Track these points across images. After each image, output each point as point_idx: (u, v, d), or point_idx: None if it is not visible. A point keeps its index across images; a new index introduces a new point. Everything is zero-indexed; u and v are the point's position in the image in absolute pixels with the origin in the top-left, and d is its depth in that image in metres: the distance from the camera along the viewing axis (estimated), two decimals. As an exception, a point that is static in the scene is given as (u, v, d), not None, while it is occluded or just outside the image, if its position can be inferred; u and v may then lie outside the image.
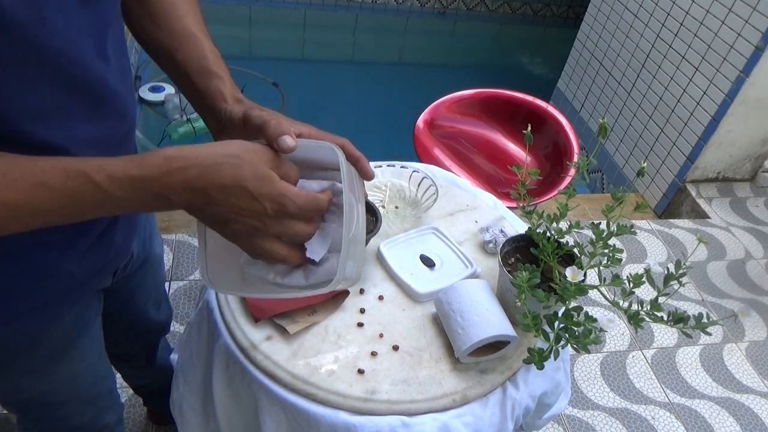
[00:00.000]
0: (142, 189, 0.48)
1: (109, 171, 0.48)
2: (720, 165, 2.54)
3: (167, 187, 0.49)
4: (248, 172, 0.49)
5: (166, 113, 2.95)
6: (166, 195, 0.49)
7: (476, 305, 0.82)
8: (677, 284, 0.74)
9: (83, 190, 0.48)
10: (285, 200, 0.51)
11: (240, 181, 0.49)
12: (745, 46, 2.17)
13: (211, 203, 0.50)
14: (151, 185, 0.48)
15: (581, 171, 0.82)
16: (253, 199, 0.50)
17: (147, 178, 0.48)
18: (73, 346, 0.80)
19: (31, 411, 0.88)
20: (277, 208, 0.51)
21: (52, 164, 0.48)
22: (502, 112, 2.06)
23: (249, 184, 0.49)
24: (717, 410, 1.75)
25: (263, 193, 0.50)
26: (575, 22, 3.88)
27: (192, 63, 0.66)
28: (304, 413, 0.76)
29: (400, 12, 4.41)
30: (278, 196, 0.50)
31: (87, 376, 0.87)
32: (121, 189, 0.48)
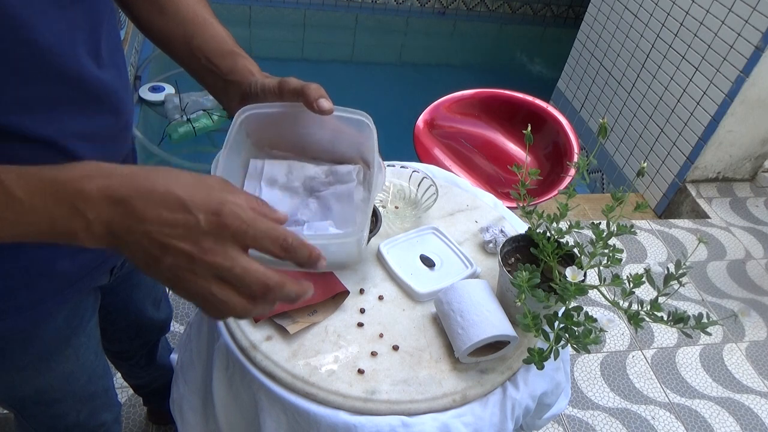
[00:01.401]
0: (52, 194, 0.40)
1: (21, 170, 0.41)
2: (720, 165, 2.54)
3: (81, 195, 0.40)
4: (186, 180, 0.41)
5: (166, 113, 2.95)
6: (81, 208, 0.40)
7: (476, 305, 0.82)
8: (677, 284, 0.74)
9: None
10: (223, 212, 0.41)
11: (171, 188, 0.41)
12: (745, 46, 2.17)
13: (136, 221, 0.41)
14: (63, 190, 0.40)
15: (581, 171, 0.82)
16: (186, 211, 0.41)
17: (60, 180, 0.40)
18: (68, 344, 0.80)
19: (27, 408, 0.87)
20: (215, 221, 0.41)
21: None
22: (502, 112, 2.06)
23: (181, 191, 0.41)
24: (717, 410, 1.75)
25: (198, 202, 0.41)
26: (575, 22, 3.89)
27: (211, 45, 0.67)
28: (304, 413, 0.76)
29: (400, 12, 4.41)
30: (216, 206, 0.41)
31: (82, 374, 0.86)
32: (26, 191, 0.40)
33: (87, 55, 0.56)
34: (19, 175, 0.41)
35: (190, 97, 2.99)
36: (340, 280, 0.91)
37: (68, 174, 0.41)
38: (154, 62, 3.34)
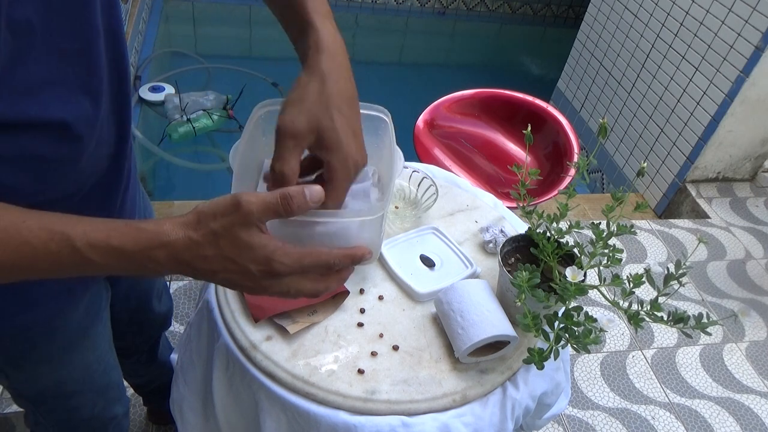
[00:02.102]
0: (124, 259, 0.48)
1: (91, 239, 0.48)
2: (720, 165, 2.54)
3: (150, 260, 0.49)
4: (227, 246, 0.48)
5: (166, 113, 2.95)
6: (151, 266, 0.49)
7: (476, 305, 0.82)
8: (677, 284, 0.74)
9: (63, 253, 0.47)
10: (272, 264, 0.49)
11: (222, 252, 0.48)
12: (745, 46, 2.17)
13: (200, 271, 0.50)
14: (133, 257, 0.48)
15: (581, 171, 0.82)
16: (240, 267, 0.49)
17: (128, 250, 0.48)
18: (87, 335, 0.82)
19: (45, 402, 0.89)
20: (265, 269, 0.49)
21: (39, 223, 0.48)
22: (502, 112, 2.06)
23: (231, 254, 0.48)
24: (717, 410, 1.75)
25: (246, 260, 0.49)
26: (575, 22, 3.89)
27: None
28: (304, 413, 0.76)
29: (400, 12, 4.41)
30: (263, 260, 0.49)
31: (99, 365, 0.89)
32: (101, 257, 0.48)
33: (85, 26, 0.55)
34: (90, 244, 0.48)
35: (190, 97, 2.99)
36: (340, 280, 0.91)
37: (135, 246, 0.48)
38: (154, 62, 3.34)
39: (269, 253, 0.49)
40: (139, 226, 0.49)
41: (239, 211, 0.47)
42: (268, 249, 0.49)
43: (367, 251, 0.55)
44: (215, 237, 0.48)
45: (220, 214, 0.48)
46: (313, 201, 0.49)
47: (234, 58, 3.61)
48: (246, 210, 0.47)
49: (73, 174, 0.61)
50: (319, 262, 0.51)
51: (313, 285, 0.53)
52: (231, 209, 0.48)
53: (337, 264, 0.53)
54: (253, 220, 0.48)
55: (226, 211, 0.48)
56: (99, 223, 0.49)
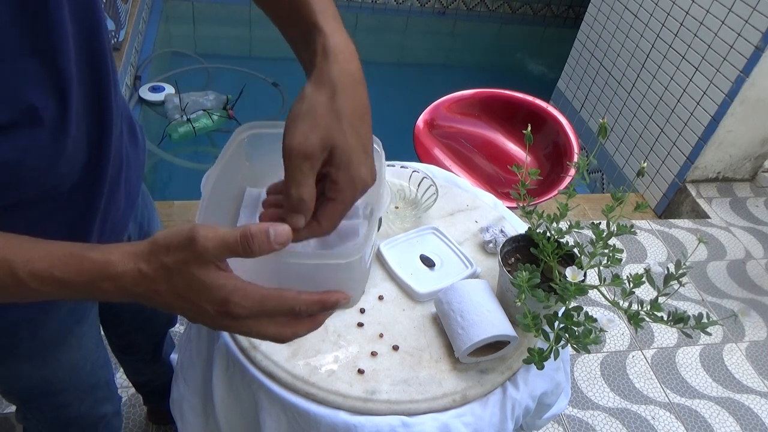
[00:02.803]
0: (70, 289, 0.46)
1: (34, 268, 0.45)
2: (720, 165, 2.54)
3: (98, 290, 0.46)
4: (181, 283, 0.45)
5: (166, 113, 2.96)
6: (101, 296, 0.47)
7: (476, 305, 0.82)
8: (677, 284, 0.74)
9: (6, 281, 0.45)
10: (229, 306, 0.45)
11: (176, 289, 0.45)
12: (745, 46, 2.17)
13: (155, 304, 0.47)
14: (78, 288, 0.46)
15: (581, 171, 0.82)
16: (195, 306, 0.46)
17: (72, 282, 0.46)
18: (72, 333, 0.81)
19: (32, 399, 0.89)
20: (222, 310, 0.46)
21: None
22: (502, 112, 2.06)
23: (184, 292, 0.45)
24: (717, 410, 1.75)
25: (201, 300, 0.45)
26: (575, 22, 3.89)
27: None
28: (304, 413, 0.76)
29: (400, 12, 4.41)
30: (219, 301, 0.45)
31: (85, 363, 0.88)
32: (45, 287, 0.46)
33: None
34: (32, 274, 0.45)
35: (190, 97, 2.99)
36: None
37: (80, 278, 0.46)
38: (154, 62, 3.34)
39: (226, 294, 0.45)
40: (84, 256, 0.46)
41: (193, 247, 0.43)
42: (225, 290, 0.45)
43: (341, 297, 0.49)
44: (167, 272, 0.45)
45: (174, 248, 0.44)
46: (278, 243, 0.44)
47: (234, 58, 3.61)
48: (201, 247, 0.43)
49: (47, 174, 0.58)
50: (282, 307, 0.47)
51: (278, 330, 0.48)
52: (185, 243, 0.44)
53: (303, 311, 0.48)
54: (208, 257, 0.44)
55: (180, 246, 0.44)
56: (44, 249, 0.46)
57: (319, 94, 0.49)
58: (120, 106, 0.70)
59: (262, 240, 0.43)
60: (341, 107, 0.49)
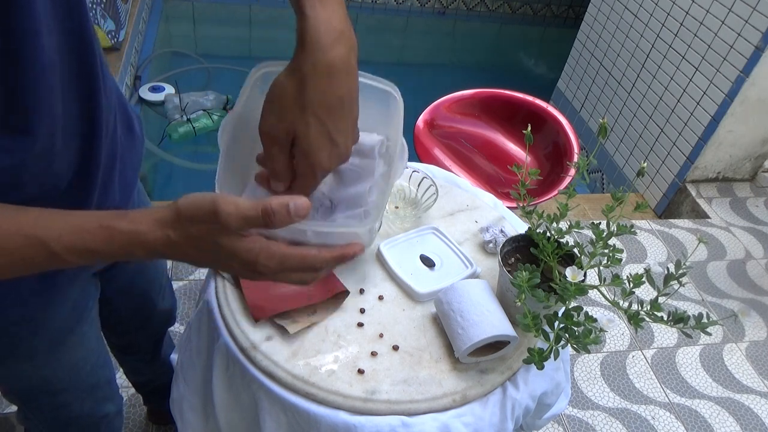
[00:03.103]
0: (103, 258, 0.49)
1: (67, 241, 0.48)
2: (720, 165, 2.54)
3: (130, 255, 0.49)
4: (208, 249, 0.48)
5: (166, 113, 2.95)
6: (133, 260, 0.52)
7: (476, 305, 0.82)
8: (677, 284, 0.74)
9: (40, 256, 0.48)
10: (256, 266, 0.49)
11: (204, 254, 0.49)
12: (745, 46, 2.17)
13: (183, 261, 0.51)
14: (111, 255, 0.49)
15: (581, 171, 0.82)
16: (224, 265, 0.50)
17: (104, 252, 0.48)
18: (73, 332, 0.82)
19: (32, 399, 0.89)
20: (249, 269, 0.50)
21: (14, 227, 0.48)
22: (502, 112, 2.06)
23: (213, 256, 0.49)
24: (717, 410, 1.75)
25: (229, 261, 0.49)
26: (575, 22, 3.88)
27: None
28: (304, 413, 0.76)
29: (400, 12, 4.41)
30: (247, 262, 0.49)
31: (86, 363, 0.88)
32: (79, 258, 0.49)
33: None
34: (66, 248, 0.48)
35: (190, 97, 2.99)
36: (340, 280, 0.91)
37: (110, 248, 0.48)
38: (154, 62, 3.34)
39: (253, 256, 0.48)
40: (113, 227, 0.48)
41: (217, 222, 0.46)
42: (252, 253, 0.48)
43: (358, 249, 0.54)
44: (195, 240, 0.47)
45: (199, 221, 0.47)
46: (297, 216, 0.47)
47: (234, 58, 3.61)
48: (225, 221, 0.46)
49: (46, 174, 0.59)
50: (304, 264, 0.50)
51: (301, 277, 0.53)
52: (209, 217, 0.46)
53: (323, 266, 0.52)
54: (231, 230, 0.47)
55: (204, 219, 0.47)
56: (73, 224, 0.49)
57: (289, 84, 0.53)
58: (112, 97, 0.69)
59: (282, 214, 0.46)
60: (308, 99, 0.52)
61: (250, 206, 0.46)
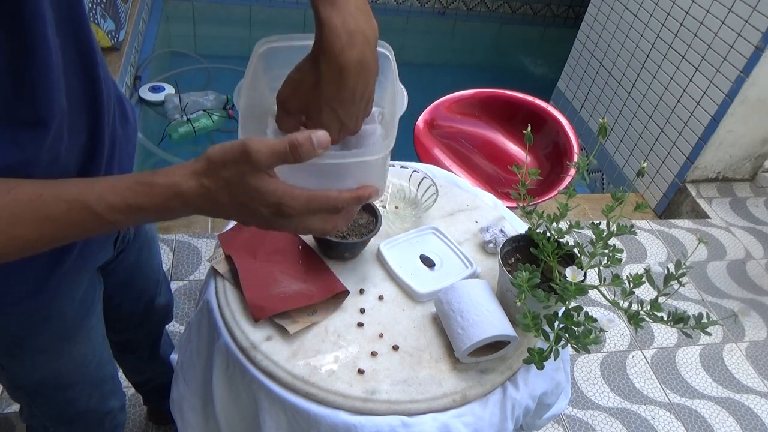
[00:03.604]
0: (144, 214, 0.52)
1: (109, 201, 0.50)
2: (720, 165, 2.54)
3: (169, 210, 0.52)
4: (240, 193, 0.51)
5: (166, 113, 2.95)
6: (170, 214, 0.52)
7: (476, 305, 0.82)
8: (677, 284, 0.74)
9: (86, 220, 0.50)
10: (282, 208, 0.52)
11: (235, 198, 0.51)
12: (745, 46, 2.17)
13: (214, 214, 0.53)
14: (153, 210, 0.51)
15: (581, 171, 0.82)
16: (251, 210, 0.52)
17: (146, 206, 0.51)
18: (82, 326, 0.83)
19: (41, 395, 0.90)
20: (275, 212, 0.52)
21: (55, 195, 0.50)
22: (502, 112, 2.06)
23: (243, 200, 0.51)
24: (717, 410, 1.75)
25: (257, 204, 0.52)
26: (575, 22, 3.88)
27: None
28: (304, 413, 0.76)
29: (400, 12, 4.41)
30: (273, 204, 0.51)
31: (94, 357, 0.90)
32: (123, 216, 0.51)
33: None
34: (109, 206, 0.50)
35: (190, 97, 2.99)
36: (340, 280, 0.91)
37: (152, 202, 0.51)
38: (154, 62, 3.34)
39: (279, 197, 0.51)
40: (151, 181, 0.51)
41: (249, 160, 0.49)
42: (277, 194, 0.51)
43: (373, 190, 0.57)
44: (227, 185, 0.50)
45: (231, 162, 0.50)
46: (321, 147, 0.51)
47: (234, 58, 3.60)
48: (255, 159, 0.49)
49: (55, 166, 0.60)
50: (327, 204, 0.53)
51: (322, 225, 0.55)
52: (241, 157, 0.49)
53: (344, 206, 0.55)
54: (261, 167, 0.50)
55: (235, 160, 0.49)
56: (111, 183, 0.51)
57: (308, 74, 0.58)
58: (110, 86, 0.70)
59: (308, 147, 0.50)
60: (322, 92, 0.58)
61: (278, 142, 0.50)
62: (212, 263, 0.92)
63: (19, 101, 0.52)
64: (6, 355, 0.79)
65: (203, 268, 1.91)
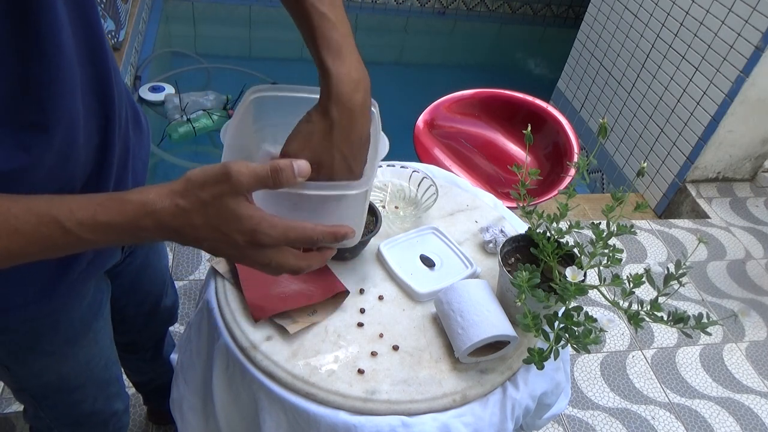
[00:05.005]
0: (114, 233, 0.50)
1: (79, 217, 0.49)
2: (720, 165, 2.54)
3: (140, 228, 0.50)
4: (215, 215, 0.49)
5: (166, 113, 2.95)
6: (142, 235, 0.51)
7: (476, 305, 0.82)
8: (677, 284, 0.74)
9: (55, 235, 0.49)
10: (257, 235, 0.50)
11: (210, 221, 0.50)
12: (745, 46, 2.17)
13: (187, 238, 0.51)
14: (122, 230, 0.50)
15: (581, 171, 0.82)
16: (226, 236, 0.50)
17: (116, 224, 0.49)
18: (90, 328, 0.83)
19: (47, 397, 0.90)
20: (250, 240, 0.51)
21: (25, 208, 0.48)
22: (502, 112, 2.06)
23: (218, 223, 0.50)
24: (717, 410, 1.75)
25: (233, 230, 0.50)
26: (575, 22, 3.88)
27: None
28: (304, 413, 0.76)
29: (400, 12, 4.41)
30: (249, 231, 0.50)
31: (100, 359, 0.90)
32: (92, 233, 0.49)
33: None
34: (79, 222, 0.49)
35: (190, 97, 2.99)
36: (340, 280, 0.91)
37: (122, 219, 0.49)
38: (154, 62, 3.34)
39: (255, 224, 0.50)
40: (123, 198, 0.49)
41: (229, 181, 0.48)
42: (254, 220, 0.50)
43: (349, 230, 0.56)
44: (203, 206, 0.49)
45: (209, 183, 0.49)
46: (300, 175, 0.51)
47: (234, 58, 3.61)
48: (236, 180, 0.48)
49: (62, 171, 0.60)
50: (303, 236, 0.52)
51: (296, 261, 0.54)
52: (221, 178, 0.48)
53: (320, 240, 0.54)
54: (242, 190, 0.49)
55: (215, 180, 0.49)
56: (84, 200, 0.50)
57: (321, 125, 0.59)
58: (122, 93, 0.71)
59: (288, 173, 0.50)
60: (334, 138, 0.59)
61: (259, 165, 0.49)
62: (212, 263, 0.92)
63: (26, 104, 0.52)
64: (12, 357, 0.79)
65: (203, 268, 1.91)
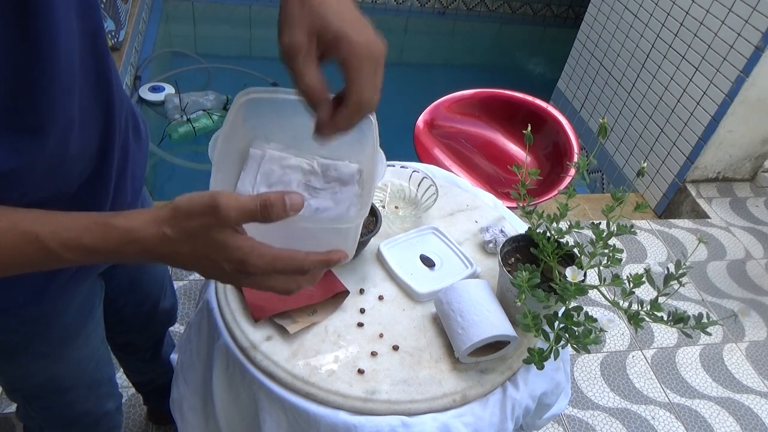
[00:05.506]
0: (98, 255, 0.50)
1: (63, 237, 0.48)
2: (720, 165, 2.54)
3: (124, 254, 0.50)
4: (202, 245, 0.49)
5: (166, 113, 2.95)
6: (127, 258, 0.50)
7: (476, 305, 0.82)
8: (677, 284, 0.74)
9: (37, 253, 0.49)
10: (246, 265, 0.49)
11: (197, 250, 0.49)
12: (745, 46, 2.17)
13: (174, 264, 0.51)
14: (106, 254, 0.49)
15: (581, 171, 0.82)
16: (214, 263, 0.50)
17: (100, 248, 0.49)
18: (82, 329, 0.83)
19: (38, 397, 0.90)
20: (238, 268, 0.50)
21: (11, 223, 0.48)
22: (502, 112, 2.06)
23: (205, 252, 0.49)
24: (717, 410, 1.75)
25: (220, 259, 0.49)
26: (575, 22, 3.88)
27: None
28: (304, 413, 0.76)
29: (400, 12, 4.41)
30: (237, 260, 0.49)
31: (91, 360, 0.90)
32: (75, 255, 0.49)
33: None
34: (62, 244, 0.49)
35: (190, 97, 2.99)
36: (340, 280, 0.91)
37: (106, 245, 0.49)
38: (154, 62, 3.34)
39: (243, 254, 0.49)
40: (108, 223, 0.49)
41: (217, 215, 0.47)
42: (243, 251, 0.49)
43: (342, 254, 0.55)
44: (190, 236, 0.48)
45: (197, 215, 0.48)
46: (292, 210, 0.49)
47: (234, 58, 3.60)
48: (223, 214, 0.47)
49: (56, 176, 0.60)
50: (292, 265, 0.51)
51: (285, 285, 0.53)
52: (208, 211, 0.47)
53: (311, 268, 0.52)
54: (230, 224, 0.48)
55: (202, 212, 0.47)
56: (70, 220, 0.49)
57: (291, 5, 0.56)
58: (123, 100, 0.71)
59: (279, 208, 0.48)
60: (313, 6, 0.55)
61: (249, 199, 0.48)
62: (212, 263, 0.92)
63: (21, 105, 0.51)
64: (3, 359, 0.79)
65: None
